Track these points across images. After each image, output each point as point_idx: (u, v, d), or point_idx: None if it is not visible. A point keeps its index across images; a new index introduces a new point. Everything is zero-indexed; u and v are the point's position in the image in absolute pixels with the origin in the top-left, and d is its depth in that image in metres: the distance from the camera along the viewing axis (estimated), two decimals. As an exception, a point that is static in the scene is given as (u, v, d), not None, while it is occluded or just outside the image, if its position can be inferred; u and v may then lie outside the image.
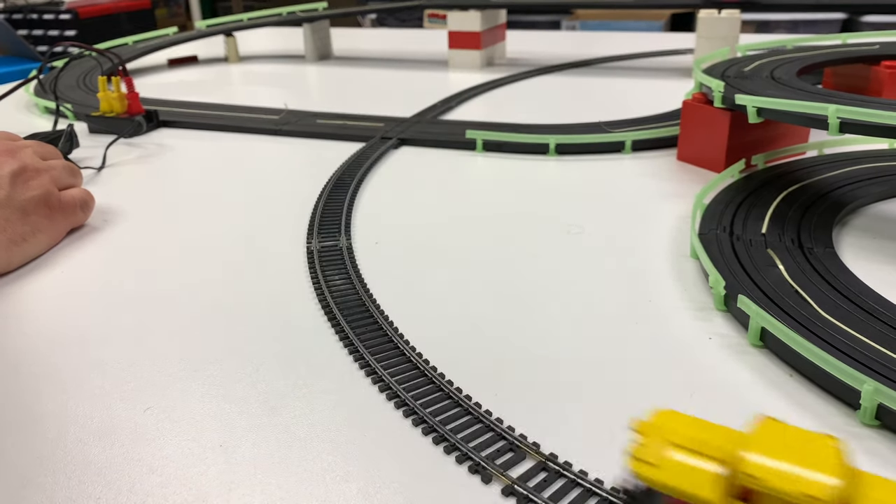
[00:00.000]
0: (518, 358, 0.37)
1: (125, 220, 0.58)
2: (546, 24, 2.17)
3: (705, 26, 0.99)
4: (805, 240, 0.46)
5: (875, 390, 0.30)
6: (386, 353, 0.37)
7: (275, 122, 0.83)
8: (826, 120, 0.47)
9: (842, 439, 0.18)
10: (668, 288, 0.44)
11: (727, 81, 0.61)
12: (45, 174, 0.53)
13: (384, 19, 2.51)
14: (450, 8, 1.19)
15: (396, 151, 0.74)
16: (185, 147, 0.78)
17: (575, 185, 0.63)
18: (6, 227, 0.47)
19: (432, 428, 0.31)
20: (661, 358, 0.37)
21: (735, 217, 0.50)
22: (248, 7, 3.00)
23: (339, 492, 0.28)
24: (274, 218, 0.57)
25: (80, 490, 0.29)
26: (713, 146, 0.63)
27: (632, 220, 0.55)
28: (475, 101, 0.96)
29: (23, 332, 0.41)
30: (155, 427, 0.32)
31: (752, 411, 0.32)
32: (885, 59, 0.73)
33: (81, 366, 0.37)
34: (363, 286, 0.44)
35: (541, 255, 0.49)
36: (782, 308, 0.38)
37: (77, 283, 0.47)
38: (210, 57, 1.38)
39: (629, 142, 0.70)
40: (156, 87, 1.11)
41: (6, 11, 2.07)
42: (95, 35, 1.84)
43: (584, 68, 1.17)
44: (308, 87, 1.15)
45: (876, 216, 0.53)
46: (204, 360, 0.38)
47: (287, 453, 0.30)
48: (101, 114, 0.82)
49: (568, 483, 0.28)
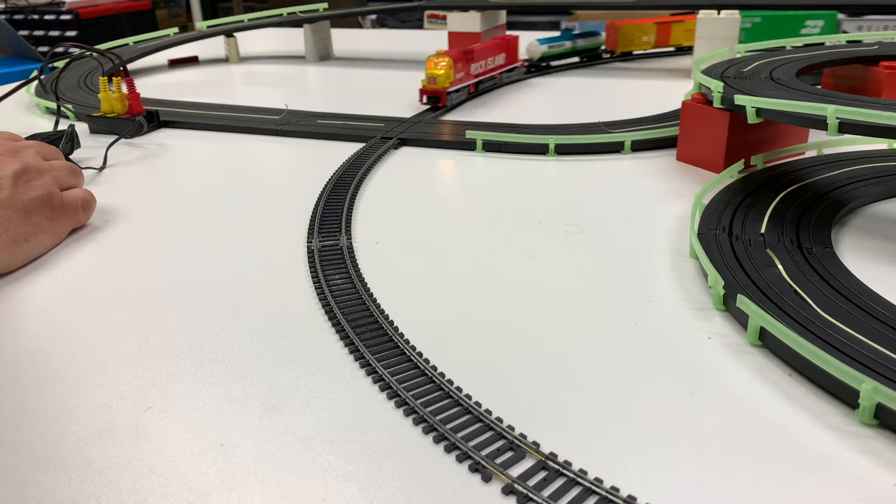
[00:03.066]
0: (518, 357, 0.37)
1: (126, 220, 0.58)
2: (546, 24, 2.16)
3: (704, 27, 0.99)
4: (804, 240, 0.46)
5: (874, 389, 0.30)
6: (386, 352, 0.37)
7: (275, 122, 0.83)
8: (825, 120, 0.47)
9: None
10: (668, 288, 0.44)
11: (726, 82, 0.61)
12: (47, 174, 0.53)
13: (384, 20, 2.51)
14: (450, 9, 1.19)
15: (396, 151, 0.74)
16: (186, 147, 0.78)
17: (574, 185, 0.63)
18: (8, 228, 0.48)
19: (432, 427, 0.31)
20: (660, 357, 0.37)
21: (734, 217, 0.50)
22: (248, 8, 3.00)
23: (339, 491, 0.28)
24: (274, 218, 0.57)
25: (81, 489, 0.29)
26: (712, 146, 0.63)
27: (631, 220, 0.55)
28: (475, 101, 0.96)
29: (24, 331, 0.41)
30: (156, 427, 0.32)
31: (752, 411, 0.32)
32: (884, 60, 0.73)
33: (82, 365, 0.37)
34: (363, 285, 0.44)
35: (540, 255, 0.49)
36: (781, 308, 0.38)
37: (78, 282, 0.47)
38: (211, 57, 1.38)
39: (628, 142, 0.70)
40: (156, 88, 1.11)
41: (7, 12, 2.07)
42: (96, 35, 1.85)
43: (583, 68, 1.17)
44: (308, 87, 1.15)
45: (875, 216, 0.53)
46: (204, 359, 0.38)
47: (287, 453, 0.30)
48: (102, 114, 0.82)
49: (568, 482, 0.28)
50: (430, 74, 0.86)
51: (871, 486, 0.28)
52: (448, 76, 0.87)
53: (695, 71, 0.67)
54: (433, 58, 0.87)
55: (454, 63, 0.87)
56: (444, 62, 0.86)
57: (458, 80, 0.89)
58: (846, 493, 0.27)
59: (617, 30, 1.19)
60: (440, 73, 0.86)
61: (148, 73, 1.25)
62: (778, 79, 0.63)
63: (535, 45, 1.10)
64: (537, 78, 1.10)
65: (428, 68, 0.87)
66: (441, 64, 0.86)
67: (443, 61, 0.86)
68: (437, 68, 0.86)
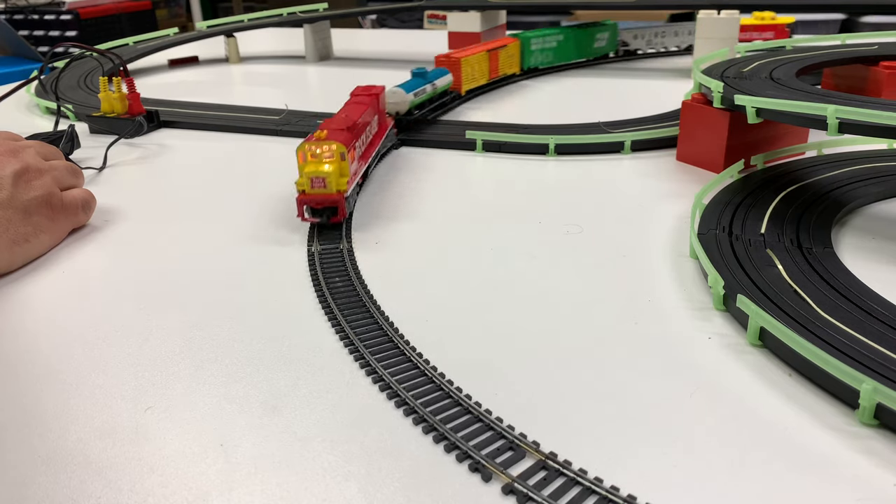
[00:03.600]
0: (517, 357, 0.37)
1: (126, 220, 0.58)
2: (546, 24, 2.16)
3: (704, 27, 0.99)
4: (804, 240, 0.46)
5: (874, 389, 0.30)
6: (386, 352, 0.37)
7: (275, 122, 0.83)
8: (825, 120, 0.47)
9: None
10: (668, 288, 0.44)
11: (726, 82, 0.61)
12: (48, 174, 0.53)
13: (384, 20, 2.51)
14: (450, 9, 1.20)
15: (396, 151, 0.74)
16: (186, 147, 0.78)
17: (574, 185, 0.63)
18: (8, 228, 0.48)
19: (432, 427, 0.31)
20: (660, 357, 0.37)
21: (734, 217, 0.50)
22: (248, 8, 3.00)
23: (339, 491, 0.28)
24: (274, 218, 0.57)
25: (81, 489, 0.29)
26: (712, 146, 0.63)
27: (631, 220, 0.55)
28: (475, 101, 0.96)
29: (24, 331, 0.41)
30: (155, 427, 0.32)
31: (751, 411, 0.32)
32: (884, 60, 0.73)
33: (83, 365, 0.37)
34: (363, 286, 0.44)
35: (540, 255, 0.49)
36: (781, 308, 0.38)
37: (78, 282, 0.47)
38: (211, 57, 1.38)
39: (628, 142, 0.70)
40: (157, 88, 1.11)
41: (7, 12, 2.07)
42: (96, 35, 1.84)
43: (583, 69, 1.17)
44: (308, 87, 1.15)
45: (874, 216, 0.53)
46: (204, 359, 0.38)
47: (287, 453, 0.30)
48: (102, 114, 0.82)
49: (568, 481, 0.28)
50: (312, 173, 0.51)
51: (871, 486, 0.28)
52: (342, 172, 0.53)
53: (695, 71, 0.67)
54: (310, 145, 0.52)
55: (347, 148, 0.53)
56: (332, 150, 0.52)
57: (353, 175, 0.55)
58: (846, 493, 0.27)
59: (459, 66, 0.90)
60: (329, 170, 0.52)
61: (148, 73, 1.25)
62: (778, 79, 0.63)
63: (401, 94, 0.76)
64: (537, 78, 1.10)
65: (305, 164, 0.52)
66: (327, 155, 0.53)
67: (329, 150, 0.52)
68: (321, 162, 0.52)
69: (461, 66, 0.90)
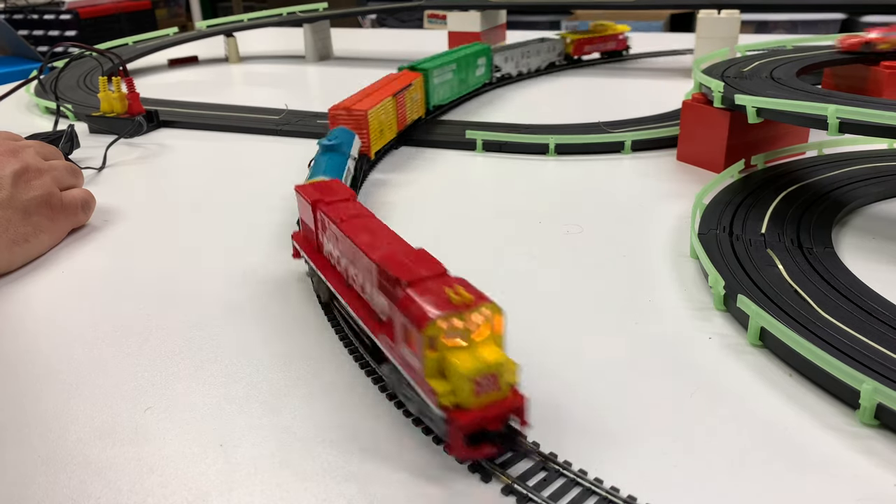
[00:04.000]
0: (516, 357, 0.37)
1: (126, 219, 0.58)
2: (546, 24, 2.16)
3: (705, 26, 0.99)
4: (804, 240, 0.46)
5: (874, 390, 0.30)
6: (386, 352, 0.37)
7: (275, 122, 0.83)
8: (825, 120, 0.47)
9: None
10: (668, 288, 0.44)
11: (727, 82, 0.61)
12: (47, 174, 0.53)
13: (384, 20, 2.51)
14: (450, 8, 1.19)
15: (396, 151, 0.74)
16: (186, 147, 0.78)
17: (574, 185, 0.63)
18: (8, 228, 0.48)
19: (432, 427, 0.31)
20: (660, 357, 0.37)
21: (734, 217, 0.50)
22: (248, 7, 3.00)
23: (339, 491, 0.28)
24: (274, 218, 0.57)
25: (81, 489, 0.29)
26: (713, 146, 0.63)
27: (631, 219, 0.55)
28: (475, 101, 0.96)
29: (24, 331, 0.41)
30: (155, 427, 0.32)
31: (752, 411, 0.32)
32: (884, 60, 0.73)
33: (82, 365, 0.37)
34: (363, 286, 0.44)
35: (540, 254, 0.49)
36: (781, 308, 0.38)
37: (78, 282, 0.47)
38: (210, 57, 1.38)
39: (629, 142, 0.70)
40: (156, 88, 1.11)
41: (7, 11, 2.07)
42: (96, 35, 1.84)
43: (583, 68, 1.17)
44: (308, 87, 1.15)
45: (875, 216, 0.53)
46: (204, 359, 0.38)
47: (287, 453, 0.30)
48: (102, 114, 0.82)
49: (568, 482, 0.28)
50: (480, 371, 0.29)
51: (871, 486, 0.28)
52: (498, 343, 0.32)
53: (695, 71, 0.67)
54: (445, 320, 0.30)
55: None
56: (485, 317, 0.31)
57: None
58: (846, 493, 0.27)
59: (365, 121, 0.63)
60: (500, 358, 0.30)
61: (148, 72, 1.25)
62: (778, 78, 0.63)
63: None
64: (537, 78, 1.10)
65: (452, 353, 0.29)
66: (475, 326, 0.31)
67: (478, 318, 0.31)
68: (475, 345, 0.31)
69: (368, 120, 0.64)
